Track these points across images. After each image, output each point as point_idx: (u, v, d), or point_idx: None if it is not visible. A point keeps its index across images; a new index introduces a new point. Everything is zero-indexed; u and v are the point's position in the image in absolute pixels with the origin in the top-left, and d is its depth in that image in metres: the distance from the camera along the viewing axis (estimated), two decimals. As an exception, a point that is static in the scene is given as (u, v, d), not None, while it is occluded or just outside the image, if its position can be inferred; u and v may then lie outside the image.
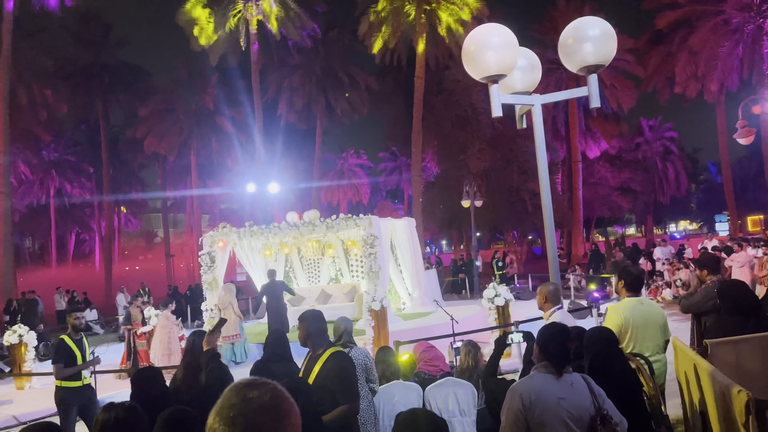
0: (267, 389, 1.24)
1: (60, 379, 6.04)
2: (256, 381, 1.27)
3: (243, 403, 1.21)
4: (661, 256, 18.37)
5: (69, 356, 6.05)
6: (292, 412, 1.25)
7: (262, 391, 1.23)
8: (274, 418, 1.21)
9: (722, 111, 28.06)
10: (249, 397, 1.22)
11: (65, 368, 6.00)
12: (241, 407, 1.20)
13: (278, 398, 1.24)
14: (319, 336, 3.84)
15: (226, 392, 1.26)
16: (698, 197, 56.00)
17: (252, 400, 1.21)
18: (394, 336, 9.71)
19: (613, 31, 5.07)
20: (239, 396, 1.22)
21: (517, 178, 27.41)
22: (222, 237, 13.35)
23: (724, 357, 3.85)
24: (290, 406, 1.26)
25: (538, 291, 4.77)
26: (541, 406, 2.85)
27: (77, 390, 6.08)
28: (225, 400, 1.23)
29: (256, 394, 1.22)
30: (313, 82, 31.63)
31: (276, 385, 1.28)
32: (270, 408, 1.22)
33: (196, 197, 36.78)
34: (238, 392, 1.23)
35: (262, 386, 1.25)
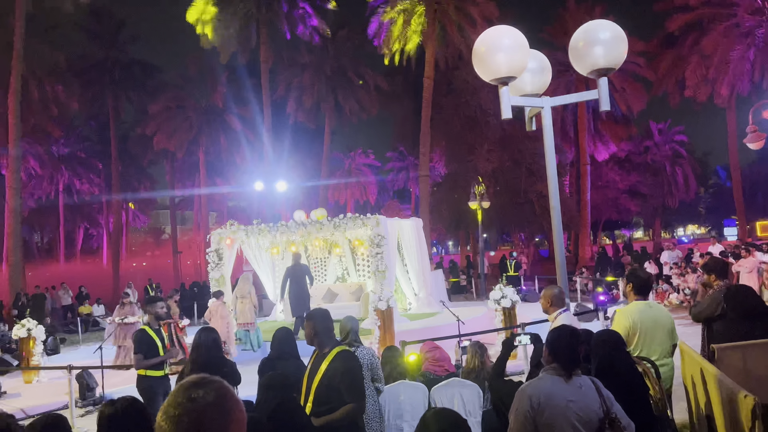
0: (212, 388, 1.28)
1: (144, 369, 5.98)
2: (203, 380, 1.31)
3: (188, 402, 1.25)
4: (668, 261, 18.29)
5: (150, 346, 6.01)
6: (236, 409, 1.29)
7: (207, 390, 1.27)
8: (218, 416, 1.25)
9: (733, 115, 27.89)
10: (193, 396, 1.26)
11: (145, 359, 5.94)
12: (186, 406, 1.24)
13: (223, 397, 1.28)
14: (326, 335, 3.86)
15: (174, 391, 1.31)
16: (707, 201, 55.69)
17: (196, 400, 1.25)
18: (400, 336, 9.73)
19: (624, 35, 5.06)
20: (185, 395, 1.26)
21: (525, 180, 27.35)
22: (230, 234, 13.42)
23: (731, 362, 3.85)
24: (234, 403, 1.30)
25: (542, 294, 4.78)
26: (550, 408, 2.87)
27: (161, 380, 6.03)
28: (171, 398, 1.28)
29: (200, 393, 1.26)
30: (322, 81, 31.68)
31: (222, 384, 1.32)
32: (214, 406, 1.26)
33: (204, 194, 36.93)
34: (184, 391, 1.27)
35: (208, 385, 1.29)
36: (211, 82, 33.52)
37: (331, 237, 15.18)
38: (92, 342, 15.07)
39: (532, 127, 5.94)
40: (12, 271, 21.10)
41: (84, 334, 17.87)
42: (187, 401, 1.25)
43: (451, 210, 28.93)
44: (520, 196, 27.58)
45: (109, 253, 38.32)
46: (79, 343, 16.59)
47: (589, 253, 30.49)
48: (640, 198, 40.31)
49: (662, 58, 28.52)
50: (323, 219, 13.03)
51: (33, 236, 46.69)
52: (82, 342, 16.68)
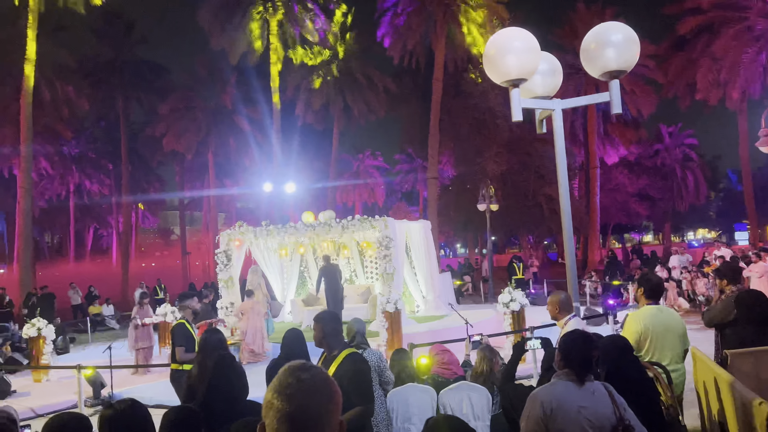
0: (316, 372, 1.43)
1: (180, 363, 6.01)
2: (306, 365, 1.45)
3: (298, 383, 1.38)
4: (677, 265, 18.14)
5: (189, 340, 6.08)
6: (336, 395, 1.43)
7: (313, 374, 1.42)
8: (324, 397, 1.40)
9: (744, 118, 27.69)
10: (303, 378, 1.40)
11: (187, 353, 5.98)
12: (297, 386, 1.38)
13: (327, 381, 1.43)
14: (334, 337, 3.85)
15: (282, 373, 1.43)
16: (717, 205, 55.31)
17: (305, 381, 1.39)
18: (408, 338, 9.71)
19: (636, 37, 5.03)
20: (294, 377, 1.40)
21: (534, 183, 27.25)
22: (239, 236, 13.46)
23: (744, 368, 3.80)
24: (336, 389, 1.45)
25: (549, 301, 4.74)
26: (562, 414, 2.84)
27: None
28: (282, 379, 1.41)
29: (308, 376, 1.41)
30: (330, 83, 31.75)
31: (323, 370, 1.47)
32: (320, 388, 1.40)
33: (212, 195, 37.08)
34: (292, 374, 1.41)
35: (312, 369, 1.44)
36: (220, 84, 33.67)
37: (339, 239, 15.18)
38: (101, 342, 15.13)
39: (543, 129, 5.91)
40: (22, 271, 21.23)
41: (93, 333, 17.95)
42: (297, 382, 1.39)
43: (460, 212, 28.87)
44: (529, 199, 27.48)
45: (119, 253, 38.56)
46: (88, 342, 16.67)
47: (599, 257, 30.34)
48: (649, 202, 40.08)
49: (673, 61, 28.38)
50: (331, 221, 13.04)
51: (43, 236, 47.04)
52: (91, 341, 16.76)
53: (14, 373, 11.54)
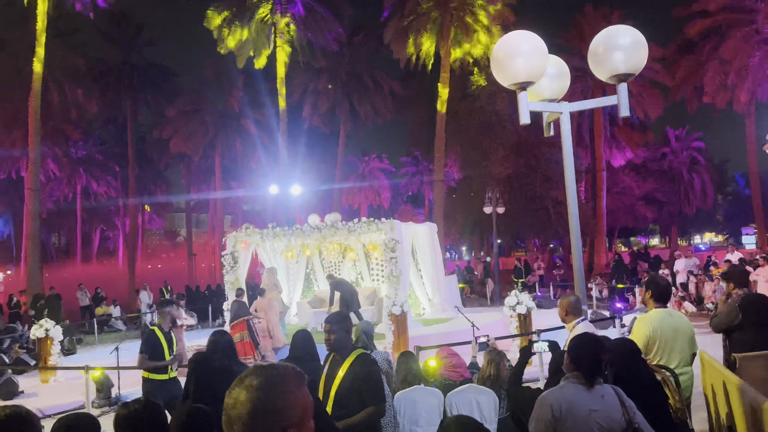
0: (283, 368, 1.45)
1: (146, 371, 5.89)
2: (275, 363, 1.48)
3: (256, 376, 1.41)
4: (682, 269, 18.02)
5: (155, 348, 5.92)
6: (297, 392, 1.43)
7: (279, 369, 1.45)
8: (281, 390, 1.40)
9: (752, 122, 27.57)
10: (264, 371, 1.42)
11: (149, 360, 5.86)
12: (256, 376, 1.41)
13: (287, 375, 1.43)
14: (343, 338, 3.86)
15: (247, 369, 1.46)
16: (725, 209, 55.02)
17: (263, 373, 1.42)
18: (414, 341, 9.72)
19: (644, 40, 5.03)
20: (254, 370, 1.43)
21: (540, 186, 27.22)
22: (245, 238, 13.50)
23: (752, 371, 3.80)
24: (298, 385, 1.43)
25: (558, 303, 4.74)
26: (571, 417, 2.84)
27: (162, 383, 5.91)
28: (243, 373, 1.44)
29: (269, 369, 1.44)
30: (337, 85, 31.82)
31: (293, 367, 1.48)
32: (281, 380, 1.41)
33: (219, 198, 37.20)
34: (255, 368, 1.44)
35: (280, 366, 1.46)
36: (227, 87, 33.81)
37: (345, 241, 15.20)
38: (108, 343, 15.19)
39: (551, 132, 5.92)
40: (30, 272, 21.34)
41: (100, 335, 18.03)
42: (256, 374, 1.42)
43: (466, 215, 28.86)
44: (535, 202, 27.45)
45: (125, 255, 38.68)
46: (94, 343, 16.74)
47: (605, 260, 30.24)
48: (656, 205, 39.94)
49: (680, 64, 28.30)
50: (338, 223, 13.06)
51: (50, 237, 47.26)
52: (98, 343, 16.83)
53: (22, 374, 11.61)
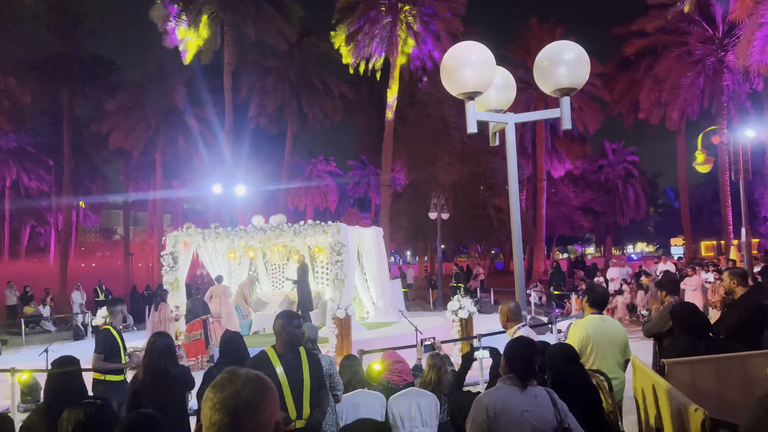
0: (252, 371, 1.48)
1: (100, 372, 5.62)
2: (244, 368, 1.50)
3: (232, 376, 1.44)
4: (616, 276, 18.75)
5: (113, 348, 5.69)
6: (272, 390, 1.47)
7: (248, 370, 1.48)
8: (257, 389, 1.43)
9: (682, 138, 29.02)
10: (238, 373, 1.46)
11: (105, 361, 5.61)
12: (231, 378, 1.43)
13: (261, 377, 1.47)
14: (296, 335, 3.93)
15: (221, 373, 1.48)
16: (656, 220, 57.59)
17: (240, 375, 1.45)
18: (358, 345, 9.72)
19: (587, 57, 5.21)
20: (229, 372, 1.46)
21: (484, 193, 27.77)
22: (186, 238, 13.18)
23: (680, 376, 3.99)
24: (270, 385, 1.48)
25: (499, 310, 4.86)
26: (505, 417, 2.92)
27: (119, 385, 5.70)
28: (219, 377, 1.46)
29: (243, 372, 1.47)
30: (286, 86, 31.52)
31: (256, 371, 1.50)
32: (254, 381, 1.44)
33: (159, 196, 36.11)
34: (228, 371, 1.47)
35: (250, 370, 1.49)
36: (171, 82, 32.85)
37: (290, 243, 15.05)
38: (36, 344, 14.49)
39: (496, 142, 6.06)
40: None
41: (27, 336, 17.17)
42: (231, 375, 1.45)
43: (411, 220, 29.10)
44: (479, 209, 27.97)
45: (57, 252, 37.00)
46: (21, 345, 15.94)
47: (543, 267, 31.13)
48: (593, 215, 41.48)
49: (618, 81, 29.50)
50: (283, 225, 12.94)
51: (-25, 233, 44.69)
52: (25, 344, 16.02)
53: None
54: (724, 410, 3.40)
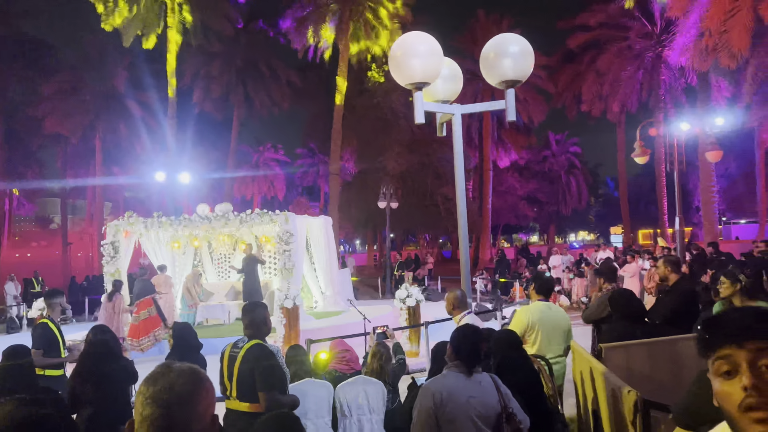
0: (187, 364, 1.46)
1: (39, 367, 5.37)
2: (176, 363, 1.47)
3: (165, 369, 1.42)
4: (558, 264, 19.35)
5: (51, 342, 5.49)
6: (207, 381, 1.45)
7: (182, 363, 1.46)
8: (191, 382, 1.41)
9: (622, 130, 30.04)
10: (172, 366, 1.43)
11: (45, 356, 5.41)
12: (164, 372, 1.41)
13: (196, 369, 1.45)
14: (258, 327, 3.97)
15: (156, 367, 1.46)
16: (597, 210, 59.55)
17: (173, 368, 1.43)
18: (306, 334, 9.69)
19: (531, 50, 5.31)
20: (163, 366, 1.44)
21: (432, 183, 28.05)
22: (127, 227, 12.80)
23: (616, 360, 4.16)
24: (206, 377, 1.45)
25: (445, 298, 4.95)
26: (451, 403, 2.98)
27: (58, 379, 5.50)
28: (152, 370, 1.43)
29: (177, 365, 1.44)
30: (232, 72, 30.84)
31: (196, 365, 1.48)
32: (188, 373, 1.42)
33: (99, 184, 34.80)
34: (163, 364, 1.45)
35: (184, 363, 1.47)
36: (111, 66, 31.60)
37: (237, 233, 14.83)
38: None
39: (443, 132, 6.12)
40: None
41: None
42: (165, 369, 1.42)
43: (360, 209, 29.13)
44: (427, 198, 28.26)
45: (-12, 242, 35.23)
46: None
47: (489, 255, 31.73)
48: (536, 204, 42.58)
49: (562, 73, 30.21)
50: (229, 214, 12.72)
51: None
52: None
53: None
54: (655, 392, 3.57)
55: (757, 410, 1.08)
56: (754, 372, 1.10)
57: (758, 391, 1.08)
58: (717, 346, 1.16)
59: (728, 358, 1.14)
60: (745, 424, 1.09)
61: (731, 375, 1.13)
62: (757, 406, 1.08)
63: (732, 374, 1.13)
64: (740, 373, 1.12)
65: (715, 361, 1.16)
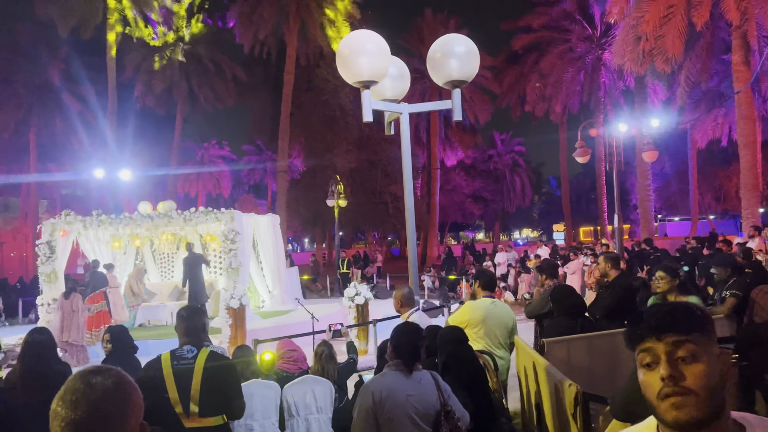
0: (110, 374, 1.33)
1: None
2: (99, 368, 1.36)
3: (87, 388, 1.28)
4: (503, 261, 19.76)
5: None
6: (134, 394, 1.35)
7: (105, 376, 1.32)
8: (118, 400, 1.30)
9: (564, 130, 30.91)
10: (92, 382, 1.29)
11: None
12: (85, 391, 1.28)
13: (121, 382, 1.33)
14: (198, 334, 3.67)
15: (70, 379, 1.33)
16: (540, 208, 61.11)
17: (95, 385, 1.29)
18: (252, 334, 9.57)
19: (477, 51, 5.39)
20: (83, 381, 1.30)
21: (381, 181, 28.14)
22: (65, 225, 12.30)
23: (557, 354, 4.29)
24: (133, 388, 1.35)
25: (393, 295, 4.99)
26: (390, 402, 3.00)
27: None
28: (69, 385, 1.30)
29: (99, 380, 1.30)
30: (175, 66, 30.04)
31: (119, 371, 1.37)
32: (113, 391, 1.30)
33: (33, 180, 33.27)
34: (82, 378, 1.31)
35: (105, 372, 1.34)
36: (46, 57, 30.19)
37: (180, 231, 14.46)
38: None
39: (391, 131, 6.14)
40: None
41: None
42: (85, 386, 1.29)
43: (308, 207, 28.95)
44: (376, 196, 28.35)
45: None
46: None
47: (436, 253, 32.11)
48: (482, 202, 43.34)
49: (507, 74, 30.82)
50: (172, 212, 12.39)
51: None
52: None
53: None
54: (595, 384, 3.70)
55: (673, 396, 1.18)
56: (671, 363, 1.20)
57: (673, 380, 1.18)
58: (640, 340, 1.25)
59: (649, 351, 1.23)
60: (663, 410, 1.19)
61: (652, 367, 1.23)
62: (673, 393, 1.18)
63: (652, 366, 1.22)
64: (659, 365, 1.21)
65: (639, 353, 1.26)
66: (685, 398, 1.17)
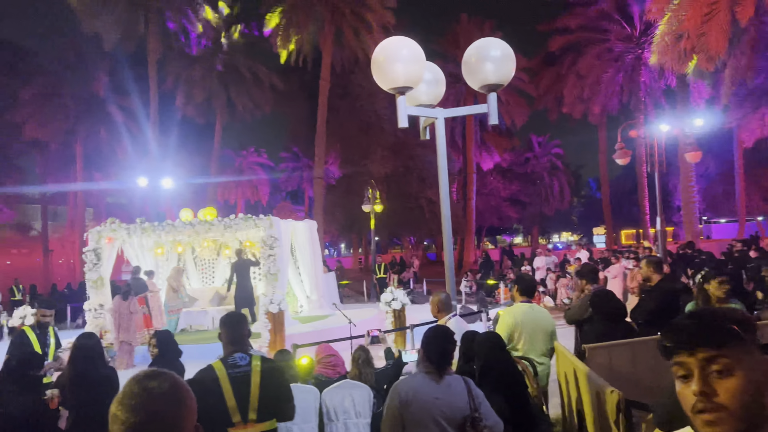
0: (165, 378, 1.37)
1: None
2: (155, 372, 1.39)
3: (144, 392, 1.32)
4: (542, 265, 19.49)
5: (24, 351, 5.43)
6: (188, 398, 1.39)
7: (161, 381, 1.36)
8: (174, 403, 1.34)
9: (603, 132, 30.36)
10: (149, 386, 1.33)
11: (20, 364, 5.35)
12: (143, 395, 1.32)
13: (176, 386, 1.37)
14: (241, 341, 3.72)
15: (128, 383, 1.37)
16: (579, 211, 60.06)
17: (153, 389, 1.33)
18: (291, 339, 9.67)
19: (513, 54, 5.37)
20: (140, 386, 1.34)
21: (416, 186, 28.12)
22: (110, 233, 12.67)
23: (598, 360, 4.22)
24: (187, 392, 1.39)
25: (430, 301, 4.99)
26: (417, 403, 3.04)
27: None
28: (127, 390, 1.35)
29: (156, 384, 1.34)
30: (214, 76, 30.69)
31: (174, 375, 1.41)
32: (169, 395, 1.34)
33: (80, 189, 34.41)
34: (139, 382, 1.35)
35: (161, 376, 1.38)
36: (91, 70, 31.28)
37: (221, 238, 14.74)
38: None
39: (426, 136, 6.15)
40: None
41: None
42: (142, 391, 1.33)
43: (345, 213, 29.11)
44: (411, 201, 28.33)
45: (-34, 250, 34.67)
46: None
47: (473, 257, 31.88)
48: (520, 206, 42.84)
49: (543, 76, 30.46)
50: (213, 219, 12.65)
51: None
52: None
53: None
54: (637, 391, 3.62)
55: (705, 413, 1.16)
56: (703, 378, 1.17)
57: (706, 396, 1.16)
58: (672, 353, 1.23)
59: (683, 365, 1.21)
60: (698, 426, 1.18)
61: (687, 379, 1.20)
62: (705, 410, 1.16)
63: (687, 378, 1.20)
64: (692, 379, 1.19)
65: (673, 365, 1.24)
66: (717, 415, 1.14)
